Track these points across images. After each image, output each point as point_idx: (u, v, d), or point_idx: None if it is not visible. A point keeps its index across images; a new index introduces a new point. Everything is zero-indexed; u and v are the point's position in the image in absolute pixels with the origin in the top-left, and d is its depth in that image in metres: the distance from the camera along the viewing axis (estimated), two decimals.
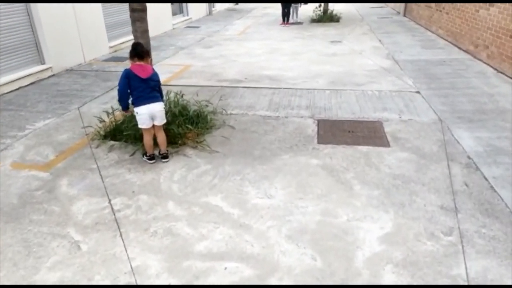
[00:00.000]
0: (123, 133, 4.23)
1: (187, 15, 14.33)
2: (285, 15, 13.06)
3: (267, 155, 3.99)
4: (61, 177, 3.56)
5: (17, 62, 6.46)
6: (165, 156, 3.91)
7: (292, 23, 13.29)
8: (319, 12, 13.88)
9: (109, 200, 3.21)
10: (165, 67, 7.64)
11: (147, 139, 3.77)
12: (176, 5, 13.87)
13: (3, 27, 6.19)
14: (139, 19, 4.17)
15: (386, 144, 4.17)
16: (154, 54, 8.82)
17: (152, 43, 10.72)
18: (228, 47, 9.68)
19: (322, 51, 8.86)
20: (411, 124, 4.62)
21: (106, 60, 8.21)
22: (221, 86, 6.30)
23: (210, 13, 16.57)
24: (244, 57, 8.52)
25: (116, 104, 4.27)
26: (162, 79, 6.99)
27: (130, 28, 10.44)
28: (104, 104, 5.52)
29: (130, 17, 4.17)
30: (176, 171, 3.68)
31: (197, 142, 4.27)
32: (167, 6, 12.20)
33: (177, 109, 4.51)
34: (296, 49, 9.27)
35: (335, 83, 6.38)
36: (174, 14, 13.45)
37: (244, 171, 3.68)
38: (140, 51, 3.62)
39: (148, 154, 3.86)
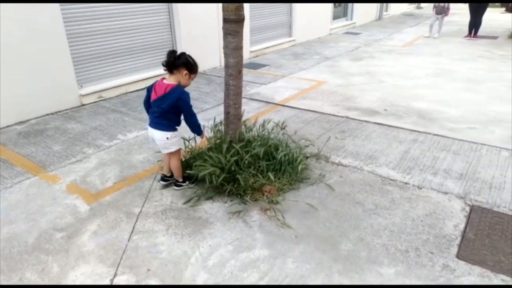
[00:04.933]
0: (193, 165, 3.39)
1: (351, 19, 12.91)
2: (473, 25, 10.24)
3: (359, 258, 2.52)
4: (95, 217, 2.96)
5: (149, 62, 6.48)
6: (175, 183, 3.33)
7: (482, 37, 10.35)
8: None
9: (114, 276, 2.40)
10: (295, 81, 6.60)
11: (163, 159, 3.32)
12: (341, 8, 12.63)
13: (146, 25, 6.24)
14: (231, 33, 3.21)
15: None
16: (293, 64, 7.91)
17: (298, 49, 9.92)
18: (382, 61, 7.97)
19: None
20: None
21: None
22: (346, 117, 4.88)
23: (379, 18, 14.68)
24: (396, 78, 6.74)
25: (208, 123, 3.46)
26: (284, 96, 6.00)
27: (274, 32, 9.94)
28: (207, 120, 4.83)
29: (222, 29, 3.26)
30: (219, 248, 2.62)
31: (272, 202, 3.11)
32: (328, 8, 11.09)
33: (262, 150, 3.41)
34: (476, 74, 6.91)
35: None
36: (336, 17, 12.27)
37: (312, 280, 2.35)
38: (167, 62, 2.87)
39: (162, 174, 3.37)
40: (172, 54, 2.87)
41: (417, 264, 2.46)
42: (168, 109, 2.90)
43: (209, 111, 5.18)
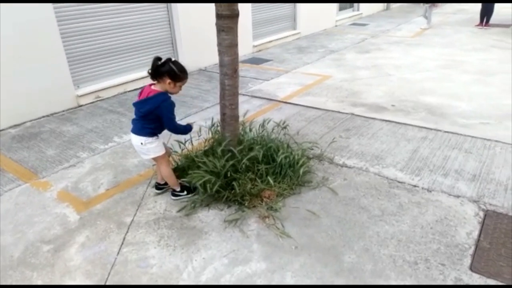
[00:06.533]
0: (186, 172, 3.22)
1: (357, 10, 12.56)
2: (485, 13, 9.85)
3: (364, 271, 2.34)
4: (85, 228, 2.81)
5: (148, 59, 6.25)
6: (172, 193, 3.14)
7: (494, 25, 9.95)
8: None
9: None
10: (299, 76, 6.38)
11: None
12: None
13: (143, 21, 6.06)
14: (225, 29, 3.01)
15: None
16: (296, 58, 7.67)
17: (302, 43, 9.66)
18: (390, 53, 7.68)
19: None
20: None
21: (243, 62, 7.43)
22: (352, 114, 4.65)
23: (387, 7, 14.28)
24: (404, 70, 6.47)
25: (206, 123, 3.28)
26: (287, 92, 5.79)
27: (277, 26, 9.68)
28: (207, 120, 4.64)
29: (215, 25, 3.06)
30: (213, 261, 2.45)
31: (271, 208, 2.93)
32: None
33: (261, 153, 3.23)
34: (488, 65, 6.59)
35: None
36: (342, 9, 11.94)
37: None
38: (150, 69, 2.71)
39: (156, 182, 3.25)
40: (155, 61, 2.68)
41: (427, 278, 2.27)
42: (146, 114, 2.76)
43: (209, 110, 5.01)
